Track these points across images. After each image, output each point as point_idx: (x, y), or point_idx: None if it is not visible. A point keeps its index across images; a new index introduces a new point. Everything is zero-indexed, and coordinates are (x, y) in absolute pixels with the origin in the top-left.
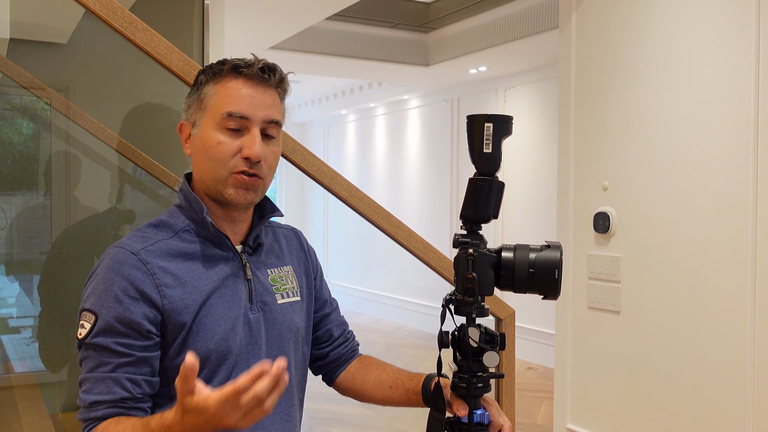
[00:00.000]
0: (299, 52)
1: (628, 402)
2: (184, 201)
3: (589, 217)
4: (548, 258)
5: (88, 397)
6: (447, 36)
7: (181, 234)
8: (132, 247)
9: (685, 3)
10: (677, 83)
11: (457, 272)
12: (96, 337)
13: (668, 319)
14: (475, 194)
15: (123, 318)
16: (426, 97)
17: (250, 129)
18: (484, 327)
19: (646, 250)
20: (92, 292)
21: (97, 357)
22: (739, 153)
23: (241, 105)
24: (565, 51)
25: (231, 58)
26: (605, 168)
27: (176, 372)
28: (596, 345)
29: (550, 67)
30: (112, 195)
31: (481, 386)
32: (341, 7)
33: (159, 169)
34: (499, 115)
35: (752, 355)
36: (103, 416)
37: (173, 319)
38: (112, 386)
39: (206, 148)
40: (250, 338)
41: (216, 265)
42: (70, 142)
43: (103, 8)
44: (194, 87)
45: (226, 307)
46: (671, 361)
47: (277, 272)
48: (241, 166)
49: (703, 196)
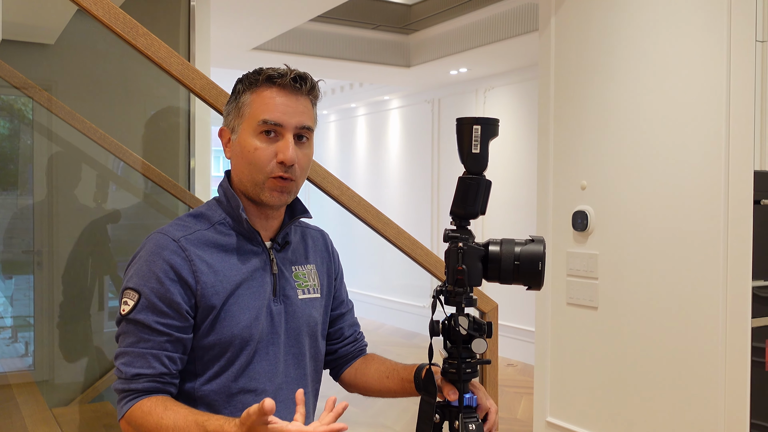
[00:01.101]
0: (282, 53)
1: (606, 394)
2: (223, 196)
3: (567, 216)
4: (532, 251)
5: (129, 370)
6: (428, 38)
7: (217, 226)
8: (173, 235)
9: (660, 9)
10: (652, 86)
11: (448, 264)
12: (139, 313)
13: (644, 314)
14: (464, 192)
15: (164, 297)
16: (407, 98)
17: (285, 135)
18: (472, 316)
19: (622, 248)
20: (135, 273)
21: (138, 333)
22: (711, 153)
23: (275, 113)
24: (544, 54)
25: (266, 68)
26: (583, 168)
27: (202, 352)
28: (575, 340)
29: (529, 69)
30: (97, 194)
31: (469, 371)
32: (326, 8)
33: (148, 168)
34: (486, 118)
35: (724, 348)
36: (143, 389)
37: (204, 303)
38: (152, 361)
39: (245, 153)
40: (271, 328)
41: (246, 258)
42: (60, 142)
43: (106, 14)
44: (232, 95)
45: (252, 298)
46: (647, 355)
47: (301, 269)
48: (277, 170)
49: (677, 195)
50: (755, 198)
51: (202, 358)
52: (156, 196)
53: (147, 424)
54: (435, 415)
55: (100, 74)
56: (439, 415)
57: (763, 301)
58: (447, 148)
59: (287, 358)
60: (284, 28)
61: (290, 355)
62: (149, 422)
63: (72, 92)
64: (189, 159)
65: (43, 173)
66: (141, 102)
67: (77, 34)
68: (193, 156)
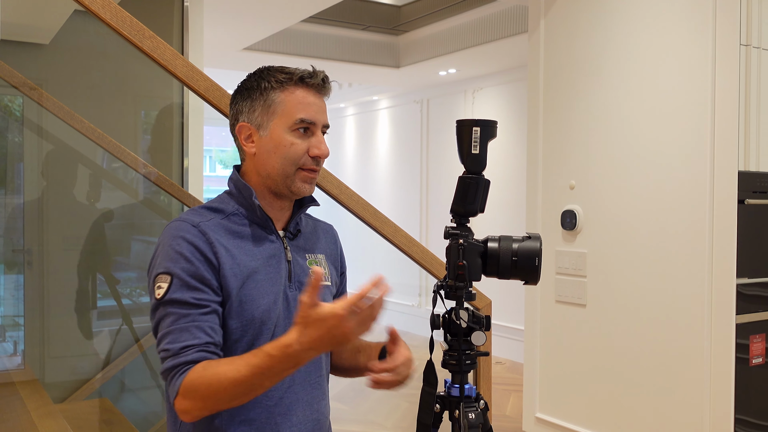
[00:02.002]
0: (273, 53)
1: (595, 390)
2: (234, 188)
3: (556, 215)
4: (529, 247)
5: (176, 345)
6: (418, 38)
7: (231, 217)
8: (192, 221)
9: (647, 14)
10: (640, 88)
11: (449, 260)
12: (174, 293)
13: (631, 311)
14: (464, 191)
15: (195, 274)
16: (396, 98)
17: (315, 132)
18: (471, 310)
19: (610, 246)
20: (162, 258)
21: (177, 311)
22: (696, 153)
23: (309, 112)
24: (533, 56)
25: (293, 68)
26: (572, 168)
27: (224, 336)
28: (564, 337)
29: (518, 70)
30: (90, 193)
31: (469, 363)
32: (317, 9)
33: (146, 167)
34: (485, 120)
35: (710, 344)
36: (194, 359)
37: (225, 284)
38: (197, 332)
39: (279, 148)
40: (287, 312)
41: (262, 244)
42: (52, 140)
43: (113, 17)
44: (255, 92)
45: (269, 283)
46: (634, 351)
47: (313, 257)
48: (309, 163)
49: (664, 195)
50: (739, 197)
51: (225, 342)
52: (149, 196)
53: (205, 380)
54: (435, 405)
55: (93, 74)
56: (440, 405)
57: (747, 299)
58: (436, 148)
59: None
60: (276, 28)
61: None
62: (206, 377)
63: (64, 91)
64: (183, 159)
65: (34, 172)
66: (134, 103)
67: (73, 34)
68: (187, 156)
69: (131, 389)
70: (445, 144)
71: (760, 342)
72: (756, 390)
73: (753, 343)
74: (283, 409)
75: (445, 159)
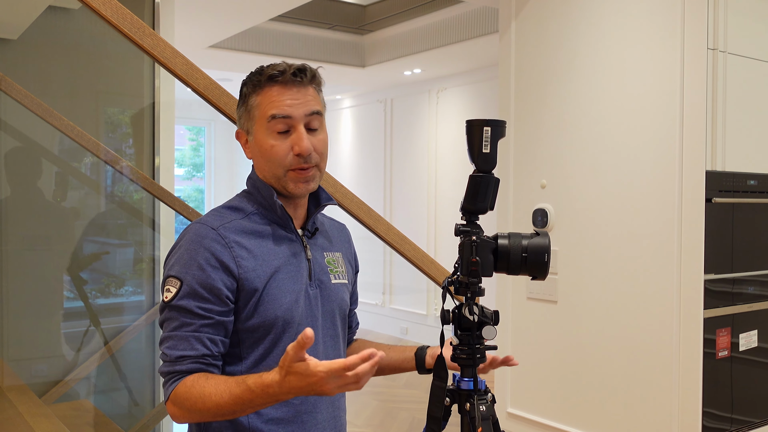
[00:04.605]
0: (238, 51)
1: (565, 385)
2: (253, 188)
3: (528, 213)
4: (539, 243)
5: (173, 353)
6: (383, 38)
7: (250, 216)
8: (212, 224)
9: (618, 17)
10: (610, 89)
11: (462, 257)
12: (181, 300)
13: (601, 308)
14: (475, 189)
15: (205, 284)
16: (359, 98)
17: (296, 127)
18: (481, 305)
19: (581, 244)
20: (177, 261)
21: (181, 318)
22: (665, 153)
23: (282, 107)
24: (504, 56)
25: (266, 67)
26: (543, 167)
27: (246, 334)
28: (535, 333)
29: (481, 71)
30: (56, 192)
31: (479, 357)
32: (286, 8)
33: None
34: (496, 120)
35: (678, 339)
36: (187, 370)
37: (246, 286)
38: (195, 343)
39: (262, 152)
40: (309, 311)
41: (282, 243)
42: (17, 137)
43: (114, 14)
44: (241, 99)
45: (291, 282)
46: (605, 346)
47: (331, 256)
48: (295, 163)
49: (634, 194)
50: (707, 196)
51: (246, 341)
52: (119, 194)
53: (191, 397)
54: (446, 399)
55: (63, 71)
56: (449, 398)
57: (714, 294)
58: (399, 147)
59: (325, 339)
60: (242, 26)
61: (328, 337)
62: (193, 394)
63: (31, 87)
64: (154, 157)
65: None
66: (104, 100)
67: (43, 31)
68: (158, 154)
69: (102, 391)
70: (408, 143)
71: (726, 335)
72: (722, 382)
73: (719, 336)
74: (309, 406)
75: (409, 158)
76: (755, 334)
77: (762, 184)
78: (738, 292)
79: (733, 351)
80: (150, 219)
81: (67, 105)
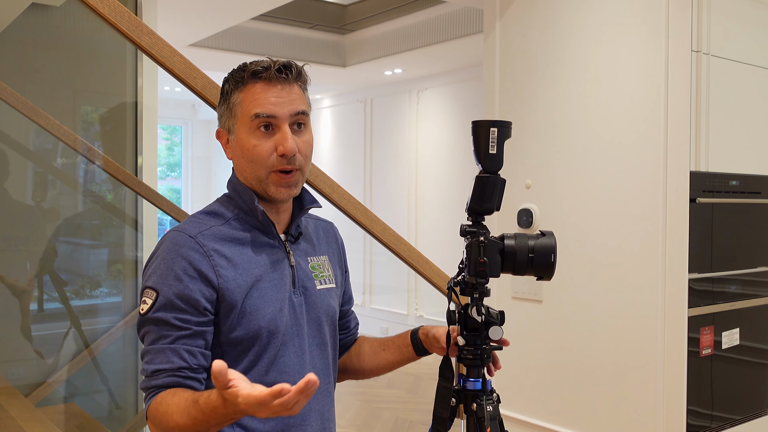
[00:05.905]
0: (219, 50)
1: (551, 384)
2: (233, 192)
3: (513, 213)
4: (546, 244)
5: (150, 367)
6: (364, 38)
7: (231, 222)
8: (190, 231)
9: (603, 18)
10: (595, 90)
11: (470, 257)
12: (157, 312)
13: (586, 307)
14: (481, 189)
15: (182, 295)
16: (339, 97)
17: (280, 126)
18: (487, 306)
19: (565, 244)
20: (154, 272)
21: (158, 330)
22: (650, 154)
23: (266, 105)
24: (489, 57)
25: (249, 63)
26: (528, 167)
27: (230, 347)
28: (520, 332)
29: (462, 71)
30: (36, 193)
31: (486, 357)
32: (269, 8)
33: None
34: (502, 121)
35: (663, 337)
36: (163, 384)
37: (227, 297)
38: (171, 356)
39: (244, 151)
40: (294, 320)
41: (264, 250)
42: None
43: (111, 12)
44: (222, 96)
45: (274, 290)
46: (590, 346)
47: (316, 260)
48: (278, 164)
49: (618, 194)
50: (691, 196)
51: (230, 353)
52: (100, 195)
53: (159, 414)
54: (452, 399)
55: (44, 69)
56: (455, 398)
57: (698, 293)
58: (379, 147)
59: (312, 348)
60: (224, 25)
61: (314, 346)
62: (160, 411)
63: (15, 84)
64: (137, 156)
65: None
66: (86, 99)
67: (25, 28)
68: (141, 153)
69: (84, 393)
70: (389, 143)
71: (709, 334)
72: (706, 380)
73: (703, 335)
74: (298, 420)
75: (389, 158)
76: (737, 332)
77: (743, 184)
78: (720, 291)
79: (716, 349)
80: (132, 219)
81: (48, 103)
